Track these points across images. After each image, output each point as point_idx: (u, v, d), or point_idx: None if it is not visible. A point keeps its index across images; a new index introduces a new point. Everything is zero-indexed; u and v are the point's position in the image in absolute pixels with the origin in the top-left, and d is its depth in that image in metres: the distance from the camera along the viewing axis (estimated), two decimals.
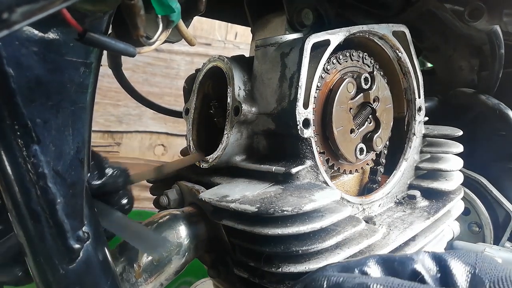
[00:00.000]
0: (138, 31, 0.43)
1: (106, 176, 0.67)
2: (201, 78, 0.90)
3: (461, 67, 1.39)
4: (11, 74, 0.41)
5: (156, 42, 0.47)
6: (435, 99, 1.43)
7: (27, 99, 0.43)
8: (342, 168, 0.85)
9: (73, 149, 0.49)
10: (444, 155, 1.00)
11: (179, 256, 0.73)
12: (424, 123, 0.98)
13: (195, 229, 0.77)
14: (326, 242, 0.65)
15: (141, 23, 0.43)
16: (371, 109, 0.84)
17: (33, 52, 0.43)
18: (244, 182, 0.77)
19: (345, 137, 0.80)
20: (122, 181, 0.69)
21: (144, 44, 0.46)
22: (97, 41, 0.42)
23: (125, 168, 0.71)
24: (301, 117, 0.72)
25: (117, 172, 0.69)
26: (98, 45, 0.43)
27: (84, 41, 0.41)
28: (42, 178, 0.46)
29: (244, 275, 0.74)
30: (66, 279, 0.51)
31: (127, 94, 1.25)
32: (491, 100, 1.25)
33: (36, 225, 0.48)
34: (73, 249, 0.50)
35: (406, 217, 0.86)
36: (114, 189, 0.69)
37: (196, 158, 0.86)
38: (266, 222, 0.65)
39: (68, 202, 0.49)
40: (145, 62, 2.46)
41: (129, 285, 0.68)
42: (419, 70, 0.93)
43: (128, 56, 0.46)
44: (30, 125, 0.44)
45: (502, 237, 1.29)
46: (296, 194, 0.67)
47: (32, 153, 0.45)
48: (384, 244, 0.76)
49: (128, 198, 0.71)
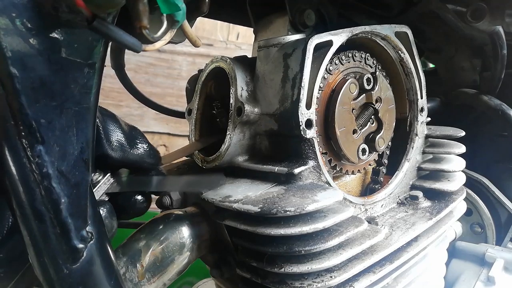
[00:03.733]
0: (142, 23, 0.43)
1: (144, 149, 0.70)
2: (203, 78, 0.90)
3: (463, 68, 1.39)
4: (15, 74, 0.42)
5: (160, 38, 0.47)
6: (437, 99, 1.43)
7: (31, 99, 0.43)
8: (344, 169, 0.85)
9: (77, 149, 0.50)
10: (447, 156, 1.00)
11: (182, 256, 0.74)
12: (426, 123, 0.98)
13: (198, 229, 0.78)
14: (329, 242, 0.65)
15: (144, 13, 0.43)
16: (373, 110, 0.84)
17: (37, 53, 0.43)
18: (247, 182, 0.77)
19: (347, 137, 0.80)
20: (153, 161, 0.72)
21: (148, 37, 0.45)
22: (105, 29, 0.42)
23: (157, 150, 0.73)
24: (304, 118, 0.72)
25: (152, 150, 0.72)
26: (105, 33, 0.43)
27: (92, 27, 0.41)
28: (46, 178, 0.46)
29: (247, 275, 0.74)
30: (70, 278, 0.51)
31: (129, 95, 1.25)
32: (493, 101, 1.25)
33: (40, 225, 0.48)
34: (77, 249, 0.51)
35: (409, 217, 0.86)
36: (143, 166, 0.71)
37: (197, 146, 0.87)
38: (268, 222, 0.65)
39: (72, 202, 0.49)
40: (147, 63, 2.47)
41: (132, 284, 0.68)
42: (421, 70, 0.93)
43: (133, 51, 0.46)
44: (34, 126, 0.44)
45: (505, 237, 1.29)
46: (299, 194, 0.67)
47: (36, 153, 0.45)
48: (386, 245, 0.76)
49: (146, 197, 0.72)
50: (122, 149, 0.67)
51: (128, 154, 0.68)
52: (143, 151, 0.70)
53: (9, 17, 0.40)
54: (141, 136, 0.71)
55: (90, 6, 0.41)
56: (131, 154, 0.68)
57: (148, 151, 0.70)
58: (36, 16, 0.41)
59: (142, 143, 0.70)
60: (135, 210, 0.71)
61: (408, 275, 0.84)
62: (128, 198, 0.70)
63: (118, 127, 0.67)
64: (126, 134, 0.68)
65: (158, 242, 0.72)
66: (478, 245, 1.19)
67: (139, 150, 0.70)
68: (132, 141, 0.69)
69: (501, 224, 1.30)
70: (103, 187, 0.66)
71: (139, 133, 0.72)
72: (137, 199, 0.71)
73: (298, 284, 0.67)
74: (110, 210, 0.65)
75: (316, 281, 0.66)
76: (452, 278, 1.13)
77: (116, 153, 0.66)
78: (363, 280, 0.72)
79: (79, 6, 0.39)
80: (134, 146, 0.69)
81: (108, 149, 0.64)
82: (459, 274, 1.13)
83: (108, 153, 0.65)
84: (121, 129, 0.67)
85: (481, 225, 1.29)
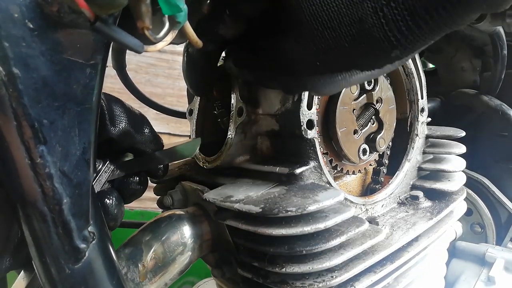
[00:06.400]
0: (144, 24, 0.43)
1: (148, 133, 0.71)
2: None
3: (463, 68, 1.39)
4: (18, 75, 0.42)
5: (162, 39, 0.47)
6: (438, 100, 1.44)
7: (34, 100, 0.44)
8: (345, 169, 0.85)
9: (79, 150, 0.50)
10: (447, 156, 1.00)
11: (183, 256, 0.74)
12: (426, 124, 0.98)
13: (199, 229, 0.78)
14: (330, 242, 0.65)
15: (146, 14, 0.43)
16: (374, 110, 0.84)
17: (40, 53, 0.43)
18: (248, 182, 0.77)
19: (348, 137, 0.80)
20: (154, 147, 0.73)
21: (149, 38, 0.45)
22: (108, 30, 0.42)
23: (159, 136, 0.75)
24: (305, 118, 0.72)
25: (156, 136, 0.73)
26: (108, 34, 0.43)
27: (94, 28, 0.41)
28: (48, 178, 0.46)
29: (248, 275, 0.74)
30: (72, 278, 0.51)
31: (130, 95, 1.25)
32: (494, 101, 1.25)
33: (42, 225, 0.48)
34: (79, 249, 0.51)
35: (409, 217, 0.87)
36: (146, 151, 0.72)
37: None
38: (270, 222, 0.65)
39: (74, 202, 0.49)
40: (147, 63, 2.47)
41: (133, 284, 0.68)
42: (422, 71, 0.94)
43: (135, 52, 0.46)
44: (37, 126, 0.44)
45: (505, 237, 1.29)
46: (300, 194, 0.67)
47: (39, 153, 0.45)
48: (387, 245, 0.76)
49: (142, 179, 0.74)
50: (128, 134, 0.67)
51: (134, 138, 0.68)
52: (147, 137, 0.71)
53: (11, 18, 0.40)
54: (146, 121, 0.72)
55: (93, 7, 0.41)
56: (136, 139, 0.69)
57: (151, 136, 0.71)
58: (39, 16, 0.41)
59: (147, 128, 0.71)
60: (131, 192, 0.71)
61: (408, 275, 0.84)
62: (123, 180, 0.71)
63: (124, 112, 0.67)
64: (131, 119, 0.68)
65: (159, 242, 0.72)
66: (478, 245, 1.19)
67: (144, 135, 0.70)
68: (137, 126, 0.69)
69: (501, 224, 1.30)
70: (104, 175, 0.66)
71: (144, 118, 0.72)
72: (132, 181, 0.71)
73: (300, 284, 0.67)
74: (118, 197, 0.66)
75: (318, 281, 0.67)
76: (453, 278, 1.14)
77: (122, 138, 0.66)
78: (364, 280, 0.72)
79: (82, 7, 0.39)
80: (139, 131, 0.70)
81: (114, 134, 0.65)
82: (460, 274, 1.14)
83: (114, 138, 0.65)
84: (126, 114, 0.68)
85: (481, 225, 1.29)
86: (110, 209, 0.64)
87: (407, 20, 0.45)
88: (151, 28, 0.44)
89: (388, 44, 0.48)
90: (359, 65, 0.55)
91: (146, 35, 0.44)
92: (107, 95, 0.67)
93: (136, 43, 0.45)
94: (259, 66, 0.69)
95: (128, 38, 0.44)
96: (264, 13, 0.61)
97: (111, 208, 0.64)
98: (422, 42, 0.47)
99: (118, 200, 0.66)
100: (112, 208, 0.64)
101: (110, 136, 0.65)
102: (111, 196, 0.65)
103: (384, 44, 0.48)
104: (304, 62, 0.57)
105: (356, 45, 0.50)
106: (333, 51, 0.52)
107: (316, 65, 0.56)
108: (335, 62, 0.54)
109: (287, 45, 0.58)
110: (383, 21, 0.47)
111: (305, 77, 0.60)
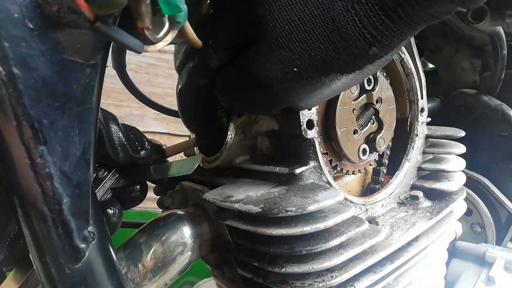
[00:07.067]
0: (144, 24, 0.43)
1: (146, 149, 0.74)
2: None
3: (463, 68, 1.39)
4: (18, 75, 0.42)
5: (162, 39, 0.47)
6: (437, 100, 1.44)
7: (34, 100, 0.44)
8: (345, 169, 0.85)
9: (79, 150, 0.50)
10: (447, 156, 1.00)
11: (183, 256, 0.74)
12: (426, 124, 0.98)
13: (199, 229, 0.78)
14: (330, 242, 0.65)
15: (146, 14, 0.43)
16: (374, 110, 0.84)
17: (40, 53, 0.43)
18: (248, 182, 0.77)
19: (348, 137, 0.80)
20: (158, 156, 0.76)
21: (149, 38, 0.46)
22: (108, 29, 0.42)
23: (160, 144, 0.78)
24: (305, 118, 0.72)
25: (154, 147, 0.76)
26: (108, 34, 0.43)
27: (94, 28, 0.42)
28: (49, 178, 0.46)
29: (248, 275, 0.74)
30: (72, 278, 0.51)
31: (130, 95, 1.25)
32: (493, 101, 1.25)
33: (42, 225, 0.48)
34: (79, 249, 0.51)
35: (409, 217, 0.87)
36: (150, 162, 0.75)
37: (196, 142, 0.89)
38: (270, 222, 0.65)
39: (74, 202, 0.49)
40: (147, 63, 2.47)
41: (133, 284, 0.68)
42: (421, 71, 0.94)
43: (135, 52, 0.46)
44: (37, 126, 0.44)
45: (505, 237, 1.29)
46: (300, 194, 0.67)
47: (39, 153, 0.45)
48: (387, 245, 0.76)
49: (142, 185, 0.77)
50: (125, 151, 0.68)
51: (131, 156, 0.70)
52: (147, 153, 0.74)
53: (11, 18, 0.40)
54: (140, 139, 0.73)
55: (93, 7, 0.41)
56: (134, 156, 0.71)
57: (150, 150, 0.72)
58: (39, 16, 0.41)
59: (143, 146, 0.73)
60: (132, 200, 0.75)
61: (408, 275, 0.84)
62: (125, 188, 0.73)
63: (119, 130, 0.69)
64: (126, 138, 0.70)
65: (159, 242, 0.72)
66: (478, 245, 1.20)
67: (140, 153, 0.73)
68: (132, 145, 0.71)
69: (501, 224, 1.30)
70: (109, 182, 0.68)
71: (138, 136, 0.73)
72: (134, 189, 0.74)
73: (299, 283, 0.67)
74: (120, 209, 0.68)
75: (317, 281, 0.67)
76: (452, 278, 1.14)
77: (119, 156, 0.68)
78: (364, 279, 0.72)
79: (82, 7, 0.39)
80: (135, 150, 0.72)
81: (111, 152, 0.67)
82: (459, 274, 1.14)
83: (111, 156, 0.67)
84: (122, 133, 0.69)
85: (481, 225, 1.29)
86: (111, 219, 0.66)
87: (380, 15, 0.45)
88: (151, 28, 0.44)
89: (365, 42, 0.47)
90: (337, 68, 0.53)
91: (146, 35, 0.44)
92: (104, 112, 0.69)
93: (136, 43, 0.45)
94: (238, 90, 0.69)
95: (128, 38, 0.44)
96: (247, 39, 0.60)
97: (113, 219, 0.67)
98: (399, 37, 0.47)
99: (120, 212, 0.68)
100: (113, 218, 0.67)
101: (107, 154, 0.68)
102: (114, 207, 0.67)
103: (360, 42, 0.48)
104: (281, 70, 0.56)
105: (332, 46, 0.49)
106: (309, 54, 0.52)
107: (294, 72, 0.55)
108: (312, 65, 0.53)
109: (262, 55, 0.57)
110: (356, 18, 0.46)
111: (283, 90, 0.59)
